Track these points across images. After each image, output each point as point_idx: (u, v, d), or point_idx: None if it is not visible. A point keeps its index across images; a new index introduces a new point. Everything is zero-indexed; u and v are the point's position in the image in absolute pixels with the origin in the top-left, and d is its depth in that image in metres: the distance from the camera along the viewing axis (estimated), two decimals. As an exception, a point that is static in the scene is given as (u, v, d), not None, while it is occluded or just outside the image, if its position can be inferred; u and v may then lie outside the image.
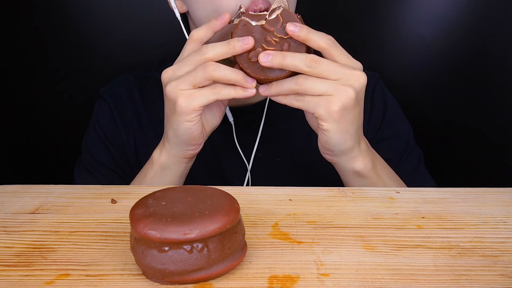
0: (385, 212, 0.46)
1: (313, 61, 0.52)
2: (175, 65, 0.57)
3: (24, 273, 0.36)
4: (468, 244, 0.40)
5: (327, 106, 0.53)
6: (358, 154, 0.58)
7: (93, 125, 0.78)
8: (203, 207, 0.35)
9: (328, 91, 0.53)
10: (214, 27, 0.57)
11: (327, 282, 0.35)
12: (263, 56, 0.52)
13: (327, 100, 0.53)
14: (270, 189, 0.52)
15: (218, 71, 0.53)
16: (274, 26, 0.54)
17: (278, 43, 0.54)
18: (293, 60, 0.52)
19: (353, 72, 0.53)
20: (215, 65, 0.53)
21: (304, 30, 0.53)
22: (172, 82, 0.56)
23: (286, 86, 0.54)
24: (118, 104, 0.78)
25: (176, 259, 0.34)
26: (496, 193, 0.51)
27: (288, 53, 0.52)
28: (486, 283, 0.35)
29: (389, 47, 1.03)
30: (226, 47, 0.54)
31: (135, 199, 0.38)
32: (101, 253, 0.39)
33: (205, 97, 0.55)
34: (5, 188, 0.52)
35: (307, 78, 0.53)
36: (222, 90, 0.55)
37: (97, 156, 0.77)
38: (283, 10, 0.54)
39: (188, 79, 0.55)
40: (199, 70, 0.54)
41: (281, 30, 0.54)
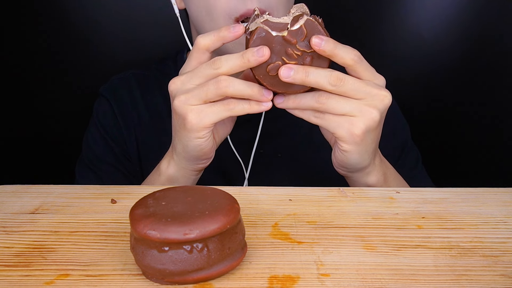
0: (385, 212, 0.46)
1: (338, 80, 0.49)
2: (184, 75, 0.53)
3: (24, 273, 0.36)
4: (469, 244, 0.40)
5: (350, 129, 0.50)
6: (372, 169, 0.56)
7: (93, 122, 0.78)
8: (203, 207, 0.35)
9: (352, 112, 0.50)
10: (224, 38, 0.52)
11: (327, 282, 0.35)
12: (284, 71, 0.48)
13: (350, 121, 0.50)
14: (270, 189, 0.52)
15: (232, 87, 0.50)
16: (297, 38, 0.48)
17: (300, 57, 0.49)
18: (317, 77, 0.48)
19: (379, 92, 0.50)
20: (228, 80, 0.50)
21: (330, 45, 0.48)
22: (181, 96, 0.52)
23: (306, 102, 0.51)
24: (118, 101, 0.78)
25: (176, 259, 0.34)
26: (496, 193, 0.51)
27: (311, 69, 0.49)
28: (486, 283, 0.35)
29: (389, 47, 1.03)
30: (240, 60, 0.49)
31: (135, 199, 0.38)
32: (101, 253, 0.39)
33: (217, 114, 0.51)
34: (5, 188, 0.52)
35: (329, 97, 0.50)
36: (236, 106, 0.51)
37: (99, 154, 0.76)
38: (307, 20, 0.48)
39: (199, 94, 0.51)
40: (211, 85, 0.50)
41: (304, 43, 0.48)
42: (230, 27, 0.51)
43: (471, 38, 1.00)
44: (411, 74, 1.04)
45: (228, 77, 0.50)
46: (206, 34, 0.53)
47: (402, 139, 0.78)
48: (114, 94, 0.79)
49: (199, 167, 0.58)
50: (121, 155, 0.77)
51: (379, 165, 0.58)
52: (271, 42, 0.48)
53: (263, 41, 0.49)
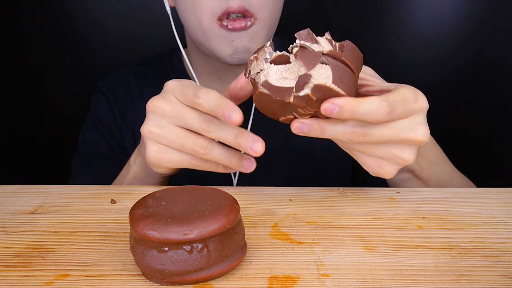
0: (385, 213, 0.46)
1: (361, 136, 0.42)
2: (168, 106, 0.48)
3: (23, 274, 0.36)
4: (469, 245, 0.40)
5: (378, 172, 0.46)
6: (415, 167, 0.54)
7: (91, 116, 0.79)
8: (203, 207, 0.35)
9: (382, 157, 0.45)
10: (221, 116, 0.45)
11: (327, 282, 0.35)
12: (297, 128, 0.43)
13: (379, 165, 0.46)
14: (270, 189, 0.52)
15: (210, 155, 0.47)
16: (306, 102, 0.40)
17: (312, 114, 0.42)
18: (334, 133, 0.42)
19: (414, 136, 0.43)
20: (209, 147, 0.47)
21: (346, 111, 0.39)
22: (153, 128, 0.48)
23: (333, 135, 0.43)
24: (116, 96, 0.79)
25: (176, 259, 0.33)
26: (496, 193, 0.51)
27: (327, 126, 0.42)
28: (486, 283, 0.35)
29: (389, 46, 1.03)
30: (231, 138, 0.46)
31: (134, 199, 0.38)
32: (100, 253, 0.39)
33: (180, 163, 0.49)
34: (5, 188, 0.52)
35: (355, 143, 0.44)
36: (203, 164, 0.49)
37: (95, 147, 0.77)
38: (314, 87, 0.38)
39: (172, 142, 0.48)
40: (190, 144, 0.47)
41: (316, 105, 0.40)
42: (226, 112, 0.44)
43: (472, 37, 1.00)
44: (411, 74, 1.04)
45: (209, 144, 0.48)
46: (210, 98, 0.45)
47: None
48: (112, 89, 0.79)
49: (162, 175, 0.55)
50: (118, 148, 0.77)
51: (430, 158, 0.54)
52: (276, 102, 0.41)
53: (267, 101, 0.41)
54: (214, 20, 0.63)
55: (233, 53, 0.65)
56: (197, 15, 0.64)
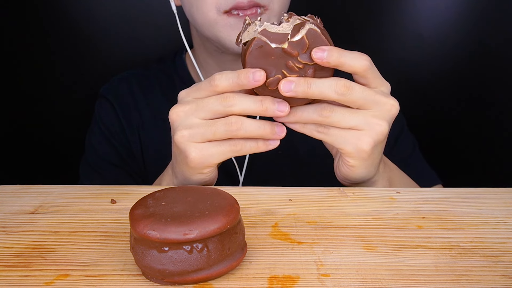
0: (385, 212, 0.46)
1: (345, 88, 0.45)
2: (188, 106, 0.48)
3: (23, 274, 0.36)
4: (469, 245, 0.40)
5: (357, 144, 0.47)
6: (377, 178, 0.55)
7: (96, 123, 0.78)
8: (203, 207, 0.35)
9: (358, 126, 0.47)
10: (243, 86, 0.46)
11: (327, 282, 0.35)
12: (284, 85, 0.44)
13: (357, 136, 0.47)
14: (270, 189, 0.52)
15: (244, 129, 0.46)
16: (298, 50, 0.44)
17: (302, 69, 0.45)
18: (321, 87, 0.44)
19: (387, 101, 0.47)
20: (240, 122, 0.46)
21: (334, 54, 0.44)
22: (183, 131, 0.48)
23: (308, 116, 0.47)
24: (120, 101, 0.78)
25: (176, 259, 0.33)
26: (496, 193, 0.51)
27: (313, 80, 0.44)
28: (486, 283, 0.35)
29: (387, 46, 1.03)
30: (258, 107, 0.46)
31: (134, 199, 0.38)
32: (100, 253, 0.39)
33: (223, 155, 0.48)
34: (5, 188, 0.52)
35: (333, 110, 0.46)
36: (243, 147, 0.48)
37: (102, 154, 0.76)
38: (309, 30, 0.44)
39: (205, 133, 0.47)
40: (221, 126, 0.47)
41: (306, 55, 0.44)
42: (249, 74, 0.45)
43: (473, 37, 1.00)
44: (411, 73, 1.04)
45: (239, 118, 0.47)
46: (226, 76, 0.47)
47: (397, 128, 0.78)
48: (115, 94, 0.79)
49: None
50: (125, 154, 0.77)
51: (383, 171, 0.56)
52: (269, 54, 0.44)
53: (260, 53, 0.44)
54: (220, 13, 0.63)
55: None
56: (202, 10, 0.64)
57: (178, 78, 0.80)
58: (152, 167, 0.77)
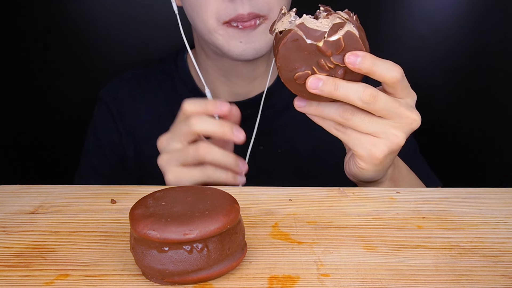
0: (385, 212, 0.46)
1: (371, 97, 0.45)
2: (167, 135, 0.56)
3: (23, 274, 0.36)
4: (469, 245, 0.40)
5: (371, 150, 0.48)
6: (384, 179, 0.56)
7: (92, 131, 0.79)
8: (203, 207, 0.35)
9: (376, 133, 0.48)
10: (208, 112, 0.54)
11: (327, 282, 0.35)
12: (312, 82, 0.45)
13: (373, 143, 0.48)
14: (270, 189, 0.52)
15: (210, 154, 0.52)
16: (332, 50, 0.44)
17: (332, 70, 0.45)
18: (347, 91, 0.45)
19: (410, 115, 0.47)
20: (207, 148, 0.52)
21: (367, 62, 0.44)
22: (163, 156, 0.55)
23: (329, 114, 0.48)
24: (118, 105, 0.78)
25: (176, 259, 0.33)
26: (496, 193, 0.51)
27: (341, 82, 0.45)
28: (486, 283, 0.35)
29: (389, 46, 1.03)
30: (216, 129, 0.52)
31: (134, 199, 0.38)
32: (100, 253, 0.39)
33: (194, 178, 0.54)
34: (5, 188, 0.52)
35: (354, 114, 0.47)
36: (213, 174, 0.53)
37: (93, 163, 0.77)
38: (347, 32, 0.43)
39: (178, 158, 0.54)
40: (191, 151, 0.53)
41: (340, 56, 0.44)
42: (217, 104, 0.53)
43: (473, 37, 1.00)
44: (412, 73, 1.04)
45: (207, 145, 0.52)
46: (192, 102, 0.54)
47: None
48: (114, 97, 0.79)
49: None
50: (117, 164, 0.77)
51: (392, 173, 0.56)
52: (303, 49, 0.44)
53: (294, 46, 0.44)
54: (220, 23, 0.63)
55: (242, 52, 0.66)
56: (202, 18, 0.64)
57: (179, 78, 0.79)
58: (150, 167, 0.77)
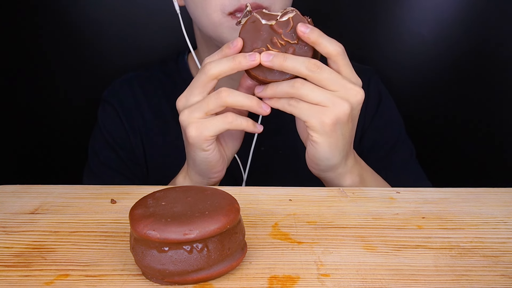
0: (385, 212, 0.46)
1: (315, 66, 0.50)
2: (186, 90, 0.56)
3: (23, 274, 0.36)
4: (469, 245, 0.40)
5: (320, 118, 0.51)
6: (345, 171, 0.57)
7: (99, 129, 0.79)
8: (203, 207, 0.35)
9: (324, 102, 0.51)
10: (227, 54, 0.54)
11: (327, 282, 0.35)
12: (264, 55, 0.51)
13: (321, 111, 0.51)
14: (270, 189, 0.52)
15: (232, 97, 0.52)
16: (283, 29, 0.52)
17: (284, 46, 0.52)
18: (294, 62, 0.50)
19: (353, 87, 0.52)
20: (228, 91, 0.52)
21: (315, 32, 0.51)
22: (185, 111, 0.54)
23: (282, 89, 0.52)
24: (122, 105, 0.78)
25: (176, 259, 0.34)
26: (496, 193, 0.51)
27: (289, 55, 0.51)
28: (486, 283, 0.35)
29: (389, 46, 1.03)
30: (231, 63, 0.52)
31: (134, 199, 0.38)
32: (100, 253, 0.39)
33: (215, 127, 0.53)
34: (5, 188, 0.52)
35: (304, 84, 0.51)
36: (234, 120, 0.53)
37: (105, 160, 0.77)
38: (295, 15, 0.52)
39: (200, 107, 0.53)
40: (212, 97, 0.52)
41: (289, 34, 0.52)
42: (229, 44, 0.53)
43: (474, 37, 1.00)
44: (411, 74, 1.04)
45: (228, 89, 0.52)
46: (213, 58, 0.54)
47: (395, 132, 0.78)
48: (118, 97, 0.79)
49: (211, 181, 0.59)
50: (128, 160, 0.77)
51: (353, 166, 0.58)
52: (259, 29, 0.52)
53: (252, 28, 0.52)
54: (225, 15, 0.63)
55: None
56: (207, 12, 0.64)
57: (181, 80, 0.80)
58: (154, 169, 0.77)
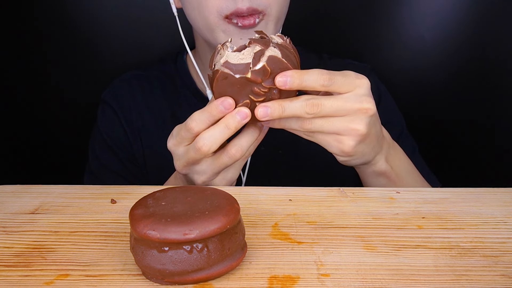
0: (385, 212, 0.46)
1: (314, 106, 0.48)
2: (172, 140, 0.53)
3: (23, 273, 0.36)
4: (469, 244, 0.40)
5: (339, 147, 0.51)
6: (380, 157, 0.57)
7: (98, 130, 0.79)
8: (203, 207, 0.35)
9: (338, 131, 0.50)
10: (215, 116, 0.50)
11: (327, 282, 0.35)
12: (261, 111, 0.47)
13: (339, 140, 0.50)
14: (270, 189, 0.52)
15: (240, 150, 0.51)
16: (261, 77, 0.46)
17: (268, 93, 0.48)
18: (293, 109, 0.48)
19: (360, 106, 0.49)
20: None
21: (296, 80, 0.47)
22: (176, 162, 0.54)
23: (290, 126, 0.51)
24: (121, 105, 0.78)
25: (176, 259, 0.34)
26: (496, 193, 0.51)
27: (286, 103, 0.48)
28: (486, 283, 0.35)
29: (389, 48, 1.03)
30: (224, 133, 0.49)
31: (134, 199, 0.38)
32: (101, 253, 0.39)
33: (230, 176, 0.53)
34: (5, 188, 0.52)
35: (312, 122, 0.49)
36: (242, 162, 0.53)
37: (105, 162, 0.77)
38: (268, 58, 0.46)
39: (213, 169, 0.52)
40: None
41: (270, 80, 0.47)
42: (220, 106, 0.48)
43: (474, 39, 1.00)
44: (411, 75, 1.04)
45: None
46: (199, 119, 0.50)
47: (397, 130, 0.78)
48: (117, 98, 0.79)
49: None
50: (127, 161, 0.77)
51: (387, 151, 0.58)
52: (235, 83, 0.47)
53: (226, 83, 0.47)
54: (221, 18, 0.63)
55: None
56: (204, 14, 0.64)
57: (179, 79, 0.80)
58: (153, 169, 0.77)
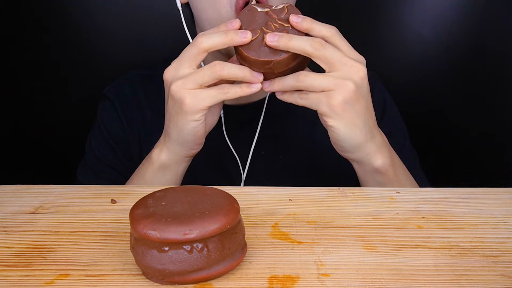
0: (385, 212, 0.46)
1: (320, 44, 0.52)
2: (174, 62, 0.56)
3: (24, 273, 0.36)
4: (468, 244, 0.40)
5: (328, 102, 0.53)
6: (374, 149, 0.57)
7: (97, 125, 0.79)
8: (203, 207, 0.35)
9: (328, 86, 0.53)
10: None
11: (327, 282, 0.35)
12: (270, 36, 0.52)
13: (328, 95, 0.53)
14: (270, 189, 0.52)
15: (226, 70, 0.53)
16: (278, 14, 0.54)
17: (278, 29, 0.53)
18: (299, 41, 0.52)
19: (354, 64, 0.53)
20: (222, 64, 0.53)
21: (307, 20, 0.53)
22: (177, 81, 0.55)
23: (288, 83, 0.54)
24: (122, 102, 0.78)
25: (176, 259, 0.34)
26: (496, 193, 0.51)
27: (294, 35, 0.52)
28: (486, 283, 0.35)
29: (389, 46, 1.03)
30: (223, 37, 0.53)
31: (135, 199, 0.38)
32: (101, 253, 0.39)
33: (213, 97, 0.54)
34: (5, 188, 0.52)
35: (307, 75, 0.53)
36: (229, 90, 0.54)
37: (101, 156, 0.77)
38: (289, 5, 0.55)
39: (195, 79, 0.54)
40: (207, 70, 0.53)
41: (284, 18, 0.54)
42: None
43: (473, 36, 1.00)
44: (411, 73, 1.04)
45: (222, 62, 0.53)
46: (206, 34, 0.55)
47: (399, 141, 0.78)
48: (118, 94, 0.79)
49: (191, 152, 0.60)
50: (123, 156, 0.77)
51: (382, 146, 0.58)
52: (255, 15, 0.55)
53: (249, 14, 0.55)
54: (232, 10, 0.64)
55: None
56: (216, 7, 0.65)
57: None
58: None
